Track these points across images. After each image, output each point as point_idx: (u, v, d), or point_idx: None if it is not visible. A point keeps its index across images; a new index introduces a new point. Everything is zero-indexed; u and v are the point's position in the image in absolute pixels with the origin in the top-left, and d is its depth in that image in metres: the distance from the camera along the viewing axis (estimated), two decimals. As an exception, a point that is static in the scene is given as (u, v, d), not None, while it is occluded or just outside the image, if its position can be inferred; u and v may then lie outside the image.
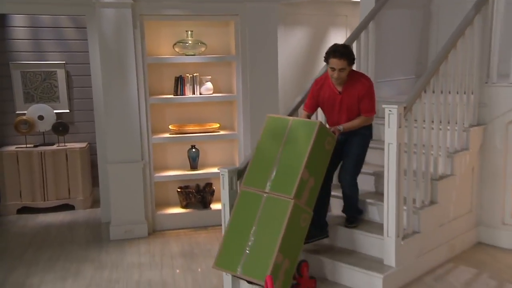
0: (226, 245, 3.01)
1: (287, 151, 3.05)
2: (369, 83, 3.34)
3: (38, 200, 5.92)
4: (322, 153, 3.10)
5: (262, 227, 2.92)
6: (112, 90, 4.83)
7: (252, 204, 3.02)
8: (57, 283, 4.00)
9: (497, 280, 3.34)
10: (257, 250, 2.88)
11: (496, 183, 3.96)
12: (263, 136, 3.21)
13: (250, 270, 2.84)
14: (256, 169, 3.14)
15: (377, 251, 3.33)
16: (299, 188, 2.92)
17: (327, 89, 3.35)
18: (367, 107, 3.31)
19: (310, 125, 3.08)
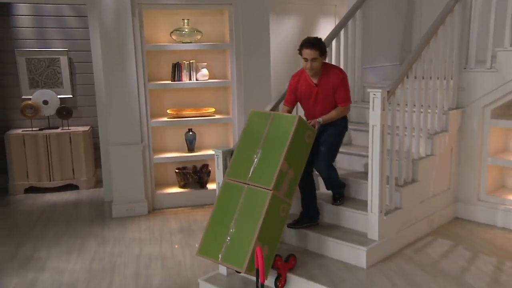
0: (208, 234, 2.99)
1: (267, 144, 3.02)
2: (343, 74, 3.29)
3: (44, 181, 5.93)
4: (302, 146, 3.08)
5: (243, 216, 2.89)
6: (112, 76, 4.82)
7: (233, 194, 2.99)
8: (62, 256, 4.04)
9: (471, 252, 3.40)
10: (237, 239, 2.85)
11: (472, 163, 4.00)
12: (246, 130, 3.19)
13: (230, 258, 2.83)
14: (239, 161, 3.11)
15: (361, 226, 3.36)
16: (278, 179, 2.88)
17: (304, 83, 3.32)
18: (343, 97, 3.26)
19: (289, 119, 3.04)
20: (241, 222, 2.89)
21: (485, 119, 3.89)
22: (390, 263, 3.23)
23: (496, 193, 4.05)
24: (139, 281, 3.58)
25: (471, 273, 3.06)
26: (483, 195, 3.99)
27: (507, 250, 3.43)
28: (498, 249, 3.45)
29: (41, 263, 3.91)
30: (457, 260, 3.25)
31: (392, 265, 3.19)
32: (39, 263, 3.91)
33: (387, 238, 3.30)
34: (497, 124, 3.89)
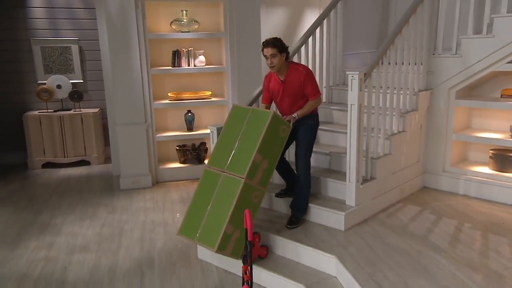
0: (188, 217, 2.97)
1: (244, 137, 2.98)
2: (307, 70, 3.15)
3: (59, 157, 5.88)
4: (277, 139, 3.00)
5: (218, 201, 2.87)
6: (118, 63, 4.73)
7: (212, 181, 2.95)
8: (76, 222, 4.04)
9: (436, 215, 3.44)
10: (211, 221, 2.83)
11: (439, 139, 4.01)
12: (228, 123, 3.13)
13: (204, 238, 2.82)
14: (219, 151, 3.07)
15: (341, 195, 3.37)
16: (251, 169, 2.84)
17: (274, 81, 3.24)
18: (311, 91, 3.13)
19: (265, 114, 2.97)
20: (216, 206, 2.86)
21: (450, 100, 3.89)
22: (366, 226, 3.25)
23: (459, 165, 4.08)
24: (144, 244, 3.59)
25: (435, 233, 3.09)
26: (447, 167, 4.01)
27: (467, 214, 3.47)
28: (459, 213, 3.49)
29: (57, 228, 3.91)
30: (424, 223, 3.29)
31: (367, 228, 3.22)
32: (55, 228, 3.91)
33: (363, 204, 3.31)
34: (460, 104, 3.88)
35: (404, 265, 2.65)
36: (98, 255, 3.41)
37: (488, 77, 3.88)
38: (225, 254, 2.82)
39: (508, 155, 3.76)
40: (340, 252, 2.84)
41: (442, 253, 2.79)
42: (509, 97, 3.71)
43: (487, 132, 3.97)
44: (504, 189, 3.65)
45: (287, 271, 2.84)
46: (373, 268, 2.63)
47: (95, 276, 3.09)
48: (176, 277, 3.06)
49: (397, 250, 2.85)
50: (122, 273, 3.12)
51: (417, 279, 2.48)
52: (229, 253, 2.82)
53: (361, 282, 2.48)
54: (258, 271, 2.91)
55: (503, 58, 3.52)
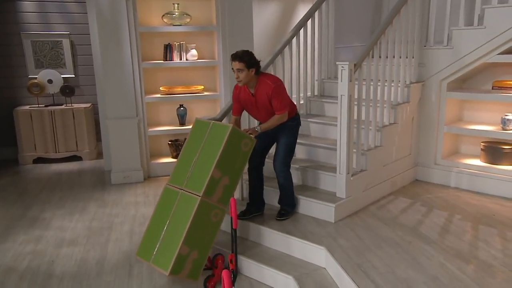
0: (146, 237, 2.82)
1: (204, 152, 2.82)
2: (275, 84, 2.98)
3: (50, 152, 5.84)
4: (238, 154, 2.84)
5: (174, 221, 2.72)
6: (109, 56, 4.69)
7: (170, 199, 2.81)
8: (66, 217, 4.00)
9: (427, 207, 3.42)
10: (167, 242, 2.68)
11: (430, 131, 3.99)
12: (189, 138, 3.00)
13: (159, 260, 2.66)
14: (179, 168, 2.92)
15: (331, 187, 3.35)
16: (209, 186, 2.68)
17: (243, 93, 3.13)
18: (277, 106, 3.00)
19: (224, 129, 2.83)
20: (172, 226, 2.71)
21: (442, 92, 3.87)
22: (356, 218, 3.24)
23: (451, 158, 4.06)
24: (133, 237, 3.56)
25: (425, 225, 3.08)
26: (439, 160, 4.00)
27: (458, 205, 3.45)
28: (450, 205, 3.48)
29: (46, 222, 3.87)
30: (414, 215, 3.27)
31: (357, 220, 3.20)
32: (44, 223, 3.87)
33: (353, 196, 3.29)
34: (452, 96, 3.87)
35: (393, 255, 2.64)
36: (87, 248, 3.37)
37: (479, 69, 3.87)
38: (181, 277, 2.65)
39: (500, 147, 3.75)
40: (329, 243, 2.81)
41: (431, 243, 2.77)
42: (500, 88, 3.70)
43: (478, 125, 3.96)
44: (495, 181, 3.64)
45: (276, 263, 2.82)
46: (362, 258, 2.61)
47: (83, 269, 3.06)
48: (165, 269, 3.03)
49: (386, 241, 2.84)
50: (110, 266, 3.09)
51: (406, 269, 2.46)
52: (185, 275, 2.65)
53: (349, 272, 2.46)
54: (247, 263, 2.89)
55: (494, 49, 3.51)
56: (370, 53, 3.33)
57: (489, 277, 2.36)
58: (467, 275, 2.38)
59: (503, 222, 3.10)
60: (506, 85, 3.65)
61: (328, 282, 2.61)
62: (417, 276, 2.38)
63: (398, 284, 2.32)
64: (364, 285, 2.32)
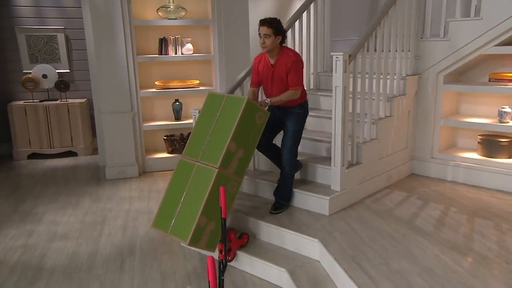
0: (162, 209, 2.85)
1: (219, 125, 2.84)
2: (296, 57, 3.02)
3: (45, 147, 5.81)
4: (253, 127, 2.86)
5: (191, 193, 2.75)
6: (103, 49, 4.66)
7: (186, 172, 2.83)
8: (59, 211, 3.97)
9: (423, 201, 3.39)
10: (184, 213, 2.72)
11: (427, 124, 3.96)
12: (203, 111, 3.02)
13: (177, 231, 2.70)
14: (194, 141, 2.95)
15: (327, 180, 3.32)
16: (225, 158, 2.71)
17: (263, 64, 3.15)
18: (293, 81, 3.01)
19: (239, 101, 2.83)
20: (189, 198, 2.75)
21: (438, 84, 3.84)
22: (351, 210, 3.21)
23: (447, 151, 4.03)
24: (126, 231, 3.53)
25: (421, 218, 3.05)
26: (436, 153, 3.97)
27: (454, 199, 3.43)
28: (446, 198, 3.45)
29: (38, 217, 3.84)
30: (410, 208, 3.24)
31: (352, 212, 3.17)
32: (37, 217, 3.84)
33: (348, 189, 3.26)
34: (449, 89, 3.84)
35: (387, 247, 2.61)
36: (79, 242, 3.35)
37: (476, 61, 3.83)
38: (199, 247, 2.71)
39: (496, 140, 3.72)
40: (323, 236, 2.79)
41: (426, 236, 2.75)
42: (497, 81, 3.67)
43: (475, 118, 3.93)
44: (492, 174, 3.62)
45: (270, 256, 2.80)
46: (356, 251, 2.58)
47: (74, 262, 3.03)
48: (157, 263, 3.00)
49: (381, 233, 2.81)
50: (102, 260, 3.06)
51: (400, 261, 2.44)
52: (203, 245, 2.71)
53: (342, 265, 2.43)
54: (240, 256, 2.86)
55: (491, 40, 3.48)
56: (366, 45, 3.30)
57: (483, 268, 2.33)
58: (462, 267, 2.35)
59: (499, 215, 3.07)
60: (503, 77, 3.62)
61: (322, 275, 2.59)
62: (411, 268, 2.36)
63: (391, 276, 2.29)
64: (357, 277, 2.29)
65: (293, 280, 2.52)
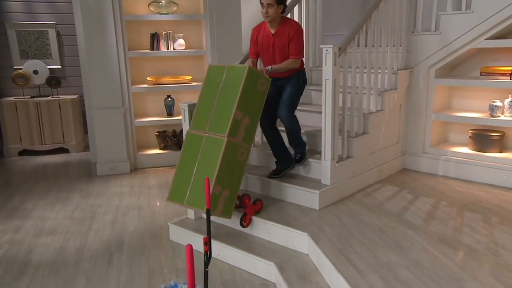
0: (175, 182, 2.91)
1: (222, 95, 2.90)
2: (298, 26, 3.08)
3: (36, 144, 5.76)
4: (256, 94, 2.92)
5: (203, 163, 2.81)
6: (93, 44, 4.62)
7: (195, 144, 2.90)
8: (47, 207, 3.94)
9: (413, 195, 3.38)
10: (198, 184, 2.78)
11: (419, 119, 3.95)
12: (205, 84, 3.06)
13: (193, 201, 2.77)
14: (199, 113, 3.00)
15: (317, 174, 3.31)
16: (232, 127, 2.78)
17: (263, 33, 3.18)
18: (294, 50, 3.07)
19: (240, 70, 2.88)
20: (202, 168, 2.81)
21: (430, 78, 3.83)
22: (341, 205, 3.19)
23: (439, 146, 4.02)
24: (115, 226, 3.50)
25: (411, 211, 3.04)
26: (427, 148, 3.96)
27: (445, 193, 3.42)
28: (437, 192, 3.44)
29: (26, 213, 3.81)
30: (400, 202, 3.23)
31: (342, 207, 3.15)
32: (25, 213, 3.81)
33: (338, 183, 3.25)
34: (440, 83, 3.83)
35: (376, 240, 2.59)
36: (67, 237, 3.31)
37: (468, 55, 3.82)
38: (216, 215, 2.80)
39: (487, 135, 3.71)
40: (312, 229, 2.77)
41: (415, 229, 2.73)
42: (488, 74, 3.66)
43: (467, 112, 3.92)
44: (483, 169, 3.61)
45: (258, 250, 2.78)
46: (345, 244, 2.57)
47: (61, 257, 3.00)
48: (146, 257, 2.98)
49: (370, 227, 2.79)
50: (90, 255, 3.03)
51: (388, 254, 2.42)
52: (220, 212, 2.79)
53: (330, 258, 2.41)
54: (228, 249, 2.84)
55: (482, 34, 3.47)
56: (357, 39, 3.28)
57: (472, 260, 2.32)
58: (450, 259, 2.34)
59: (489, 208, 3.07)
60: (493, 71, 3.61)
61: (310, 268, 2.57)
62: (399, 260, 2.34)
63: (379, 268, 2.27)
64: (344, 270, 2.28)
65: (281, 274, 2.50)
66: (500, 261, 2.30)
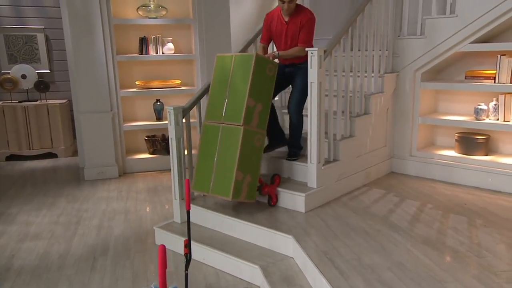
0: (198, 172, 3.07)
1: (233, 85, 3.01)
2: (312, 15, 3.17)
3: (24, 149, 5.72)
4: (266, 80, 3.04)
5: (223, 152, 2.96)
6: (81, 48, 4.61)
7: (213, 134, 3.04)
8: (32, 212, 3.90)
9: (400, 198, 3.39)
10: (221, 172, 2.94)
11: (406, 122, 3.97)
12: (215, 74, 3.16)
13: (218, 189, 2.93)
14: (213, 104, 3.12)
15: (303, 177, 3.31)
16: (247, 115, 2.91)
17: (277, 21, 3.28)
18: (304, 38, 3.16)
19: (248, 58, 2.97)
20: (222, 157, 2.96)
21: (416, 82, 3.86)
22: (327, 208, 3.19)
23: (426, 149, 4.04)
24: (101, 231, 3.47)
25: (396, 214, 3.04)
26: (414, 151, 3.98)
27: (431, 196, 3.43)
28: (423, 195, 3.45)
29: (11, 218, 3.76)
30: (386, 204, 3.24)
31: (328, 210, 3.15)
32: (9, 218, 3.76)
33: (325, 186, 3.25)
34: (426, 87, 3.85)
35: (360, 243, 2.59)
36: (51, 242, 3.28)
37: (453, 59, 3.86)
38: (241, 200, 2.96)
39: (473, 138, 3.74)
40: (298, 232, 2.76)
41: (400, 231, 2.74)
42: (472, 78, 3.69)
43: (453, 116, 3.94)
44: (468, 171, 3.63)
45: (244, 253, 2.76)
46: (329, 246, 2.56)
47: (44, 262, 2.96)
48: (130, 262, 2.95)
49: (355, 229, 2.79)
50: (73, 259, 3.00)
51: (371, 256, 2.42)
52: (244, 197, 2.97)
53: (314, 260, 2.41)
54: (213, 253, 2.82)
55: (466, 37, 3.50)
56: (343, 43, 3.30)
57: (454, 262, 2.32)
58: (433, 261, 2.34)
59: (474, 211, 3.08)
60: (478, 75, 3.65)
61: (294, 271, 2.56)
62: (382, 262, 2.34)
63: (362, 270, 2.27)
64: (327, 272, 2.27)
65: (265, 277, 2.49)
66: (483, 262, 2.31)
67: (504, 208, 3.12)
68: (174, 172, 3.25)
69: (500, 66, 3.46)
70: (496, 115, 3.59)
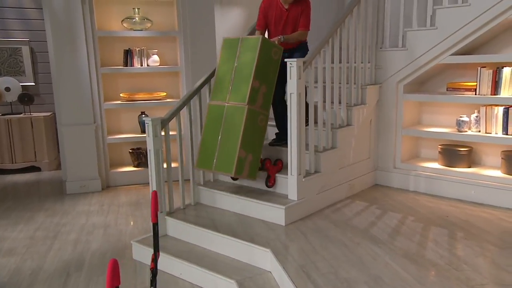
0: (202, 150, 3.18)
1: (239, 66, 3.11)
2: (308, 2, 3.38)
3: (6, 162, 5.64)
4: (271, 63, 3.13)
5: (226, 131, 3.06)
6: (64, 59, 4.59)
7: (217, 114, 3.13)
8: (8, 227, 3.81)
9: (382, 210, 3.35)
10: (224, 150, 3.05)
11: (389, 134, 3.96)
12: (221, 56, 3.24)
13: (221, 166, 3.04)
14: (218, 84, 3.20)
15: (284, 189, 3.27)
16: (251, 95, 3.01)
17: (275, 8, 3.39)
18: (304, 22, 3.36)
19: (254, 41, 3.08)
20: (226, 135, 3.06)
21: (399, 94, 3.86)
22: (308, 220, 3.14)
23: (410, 161, 4.03)
24: (78, 246, 3.39)
25: (377, 227, 3.00)
26: (398, 163, 3.96)
27: (413, 208, 3.40)
28: (405, 207, 3.41)
29: (-14, 233, 3.68)
30: (368, 217, 3.19)
31: (309, 222, 3.10)
32: (-16, 233, 3.68)
33: (306, 198, 3.20)
34: (408, 98, 3.86)
35: (339, 256, 2.54)
36: (24, 258, 3.19)
37: (435, 71, 3.88)
38: (243, 177, 3.09)
39: (456, 150, 3.73)
40: (275, 246, 2.71)
41: (380, 244, 2.69)
42: (454, 90, 3.70)
43: (436, 127, 3.94)
44: (451, 184, 3.61)
45: (221, 267, 2.70)
46: (307, 260, 2.51)
47: (14, 279, 2.88)
48: (104, 277, 2.87)
49: (334, 242, 2.74)
50: (46, 276, 2.92)
51: (349, 269, 2.37)
52: (246, 175, 3.08)
53: (290, 274, 2.35)
54: (190, 267, 2.76)
55: (446, 49, 3.52)
56: (323, 54, 3.30)
57: (433, 276, 2.28)
58: (411, 274, 2.29)
59: (455, 223, 3.04)
60: (459, 87, 3.66)
61: (271, 286, 2.49)
62: (359, 276, 2.29)
63: (338, 284, 2.22)
64: (303, 286, 2.21)
65: (240, 292, 2.43)
66: (461, 276, 2.27)
67: (485, 220, 3.09)
68: (153, 184, 3.20)
69: (481, 78, 3.48)
70: (478, 127, 3.59)
